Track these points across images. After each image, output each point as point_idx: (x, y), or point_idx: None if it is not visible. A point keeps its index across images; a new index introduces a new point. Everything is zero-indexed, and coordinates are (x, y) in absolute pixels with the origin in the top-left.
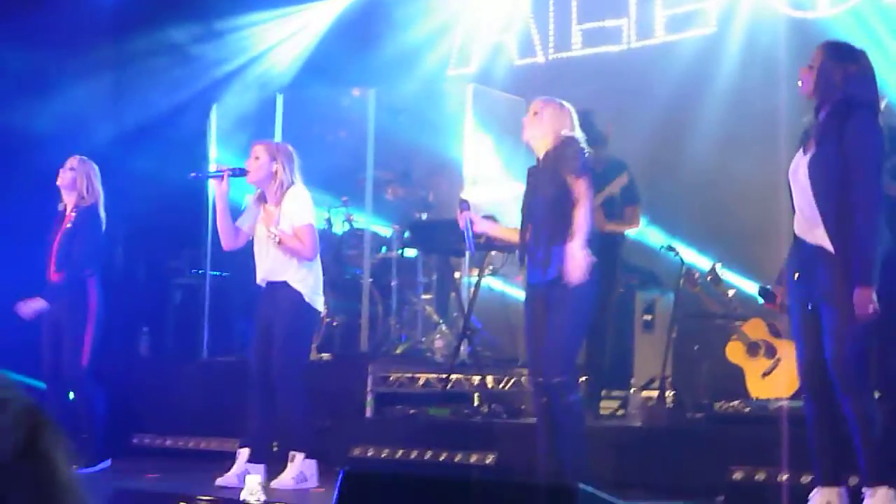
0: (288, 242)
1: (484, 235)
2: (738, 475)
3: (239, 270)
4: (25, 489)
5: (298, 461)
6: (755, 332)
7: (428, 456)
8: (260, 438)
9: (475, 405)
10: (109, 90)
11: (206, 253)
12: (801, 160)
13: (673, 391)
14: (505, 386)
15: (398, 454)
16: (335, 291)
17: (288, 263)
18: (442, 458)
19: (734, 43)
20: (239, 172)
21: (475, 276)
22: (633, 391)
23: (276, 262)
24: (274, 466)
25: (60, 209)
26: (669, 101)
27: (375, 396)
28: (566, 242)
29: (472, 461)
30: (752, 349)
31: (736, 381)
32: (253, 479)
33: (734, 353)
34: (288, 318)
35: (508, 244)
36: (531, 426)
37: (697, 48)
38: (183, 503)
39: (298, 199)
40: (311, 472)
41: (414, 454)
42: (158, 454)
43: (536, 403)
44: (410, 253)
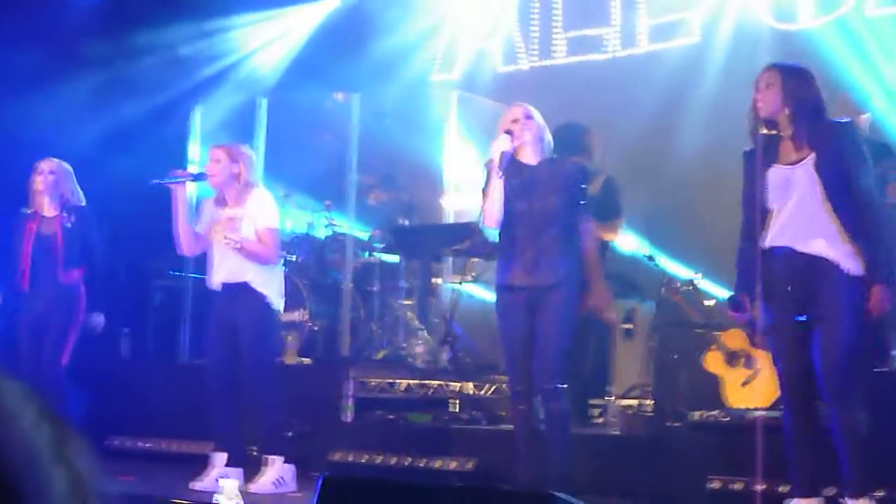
0: (249, 247)
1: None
2: (715, 484)
3: None
4: (56, 495)
5: (277, 465)
6: (735, 341)
7: (407, 462)
8: (236, 442)
9: (455, 411)
10: (91, 91)
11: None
12: (790, 171)
13: (652, 399)
14: (485, 392)
15: (378, 460)
16: (316, 295)
17: (248, 266)
18: (421, 464)
19: (718, 53)
20: (199, 177)
21: (457, 282)
22: (612, 399)
23: (236, 263)
24: (250, 470)
25: (29, 213)
26: (652, 110)
27: (355, 401)
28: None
29: (451, 468)
30: (731, 359)
31: (715, 390)
32: (230, 483)
33: (713, 362)
34: (255, 322)
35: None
36: (510, 433)
37: (681, 58)
38: None
39: (263, 201)
40: (289, 476)
41: (393, 460)
42: (135, 456)
43: (514, 410)
44: (392, 258)
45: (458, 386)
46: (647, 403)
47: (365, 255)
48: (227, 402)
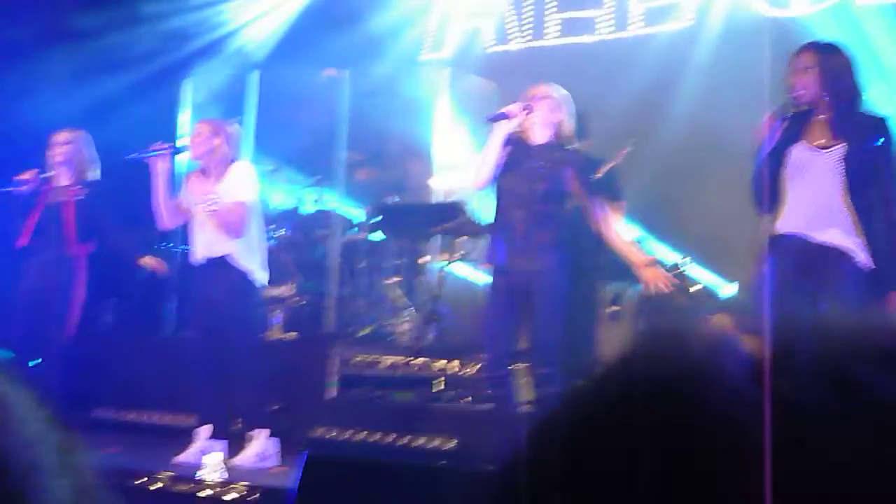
0: (221, 216)
1: None
2: None
3: None
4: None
5: (261, 439)
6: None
7: (390, 439)
8: (220, 415)
9: (439, 390)
10: (80, 62)
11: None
12: (813, 156)
13: None
14: (470, 372)
15: (360, 436)
16: (303, 271)
17: (229, 239)
18: (403, 441)
19: (710, 38)
20: (180, 150)
21: (444, 260)
22: None
23: (216, 237)
24: (235, 443)
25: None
26: (643, 93)
27: (340, 378)
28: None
29: (433, 446)
30: None
31: None
32: (214, 456)
33: None
34: (236, 296)
35: (478, 230)
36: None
37: (673, 42)
38: (144, 479)
39: (240, 174)
40: (272, 450)
41: (376, 437)
42: (119, 428)
43: (494, 394)
44: (380, 236)
45: (442, 364)
46: None
47: (353, 231)
48: (210, 375)
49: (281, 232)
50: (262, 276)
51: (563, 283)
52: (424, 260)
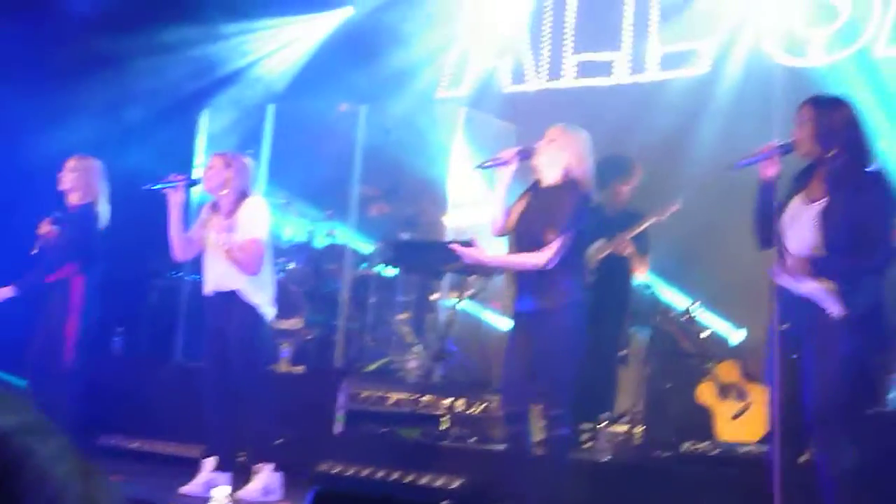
0: (234, 253)
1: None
2: None
3: None
4: None
5: (266, 472)
6: (728, 374)
7: (395, 476)
8: (226, 447)
9: (445, 428)
10: (99, 90)
11: None
12: (802, 208)
13: (643, 427)
14: (476, 410)
15: (365, 472)
16: (312, 304)
17: (237, 273)
18: (409, 479)
19: (727, 85)
20: (194, 182)
21: (454, 298)
22: (603, 424)
23: (227, 271)
24: (239, 476)
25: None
26: (658, 138)
27: (346, 413)
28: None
29: (438, 484)
30: (723, 391)
31: (706, 421)
32: (221, 490)
33: (705, 394)
34: (245, 330)
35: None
36: (499, 452)
37: (690, 88)
38: None
39: (254, 210)
40: (276, 484)
41: (381, 473)
42: (125, 456)
43: (509, 431)
44: (391, 271)
45: (448, 402)
46: (637, 431)
47: (363, 266)
48: (218, 408)
49: (291, 265)
50: (270, 310)
51: (571, 323)
52: (435, 297)
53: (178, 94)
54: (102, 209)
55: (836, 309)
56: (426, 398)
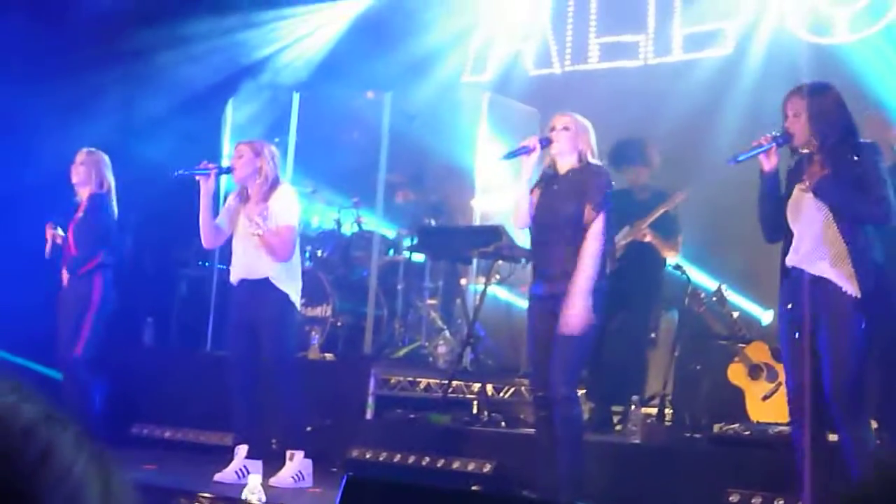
0: (269, 238)
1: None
2: (734, 498)
3: None
4: None
5: (297, 459)
6: (757, 354)
7: (426, 461)
8: (259, 434)
9: (475, 413)
10: (125, 81)
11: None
12: (802, 196)
13: (672, 409)
14: (505, 395)
15: (396, 458)
16: (341, 292)
17: (271, 262)
18: (439, 464)
19: (751, 65)
20: (225, 170)
21: (481, 283)
22: (633, 407)
23: (257, 258)
24: (271, 463)
25: (77, 202)
26: (684, 119)
27: (376, 399)
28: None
29: (469, 469)
30: (753, 372)
31: (736, 402)
32: (255, 478)
33: (736, 374)
34: (276, 318)
35: (516, 255)
36: (529, 436)
37: (714, 68)
38: (183, 499)
39: (286, 198)
40: (307, 471)
41: (412, 459)
42: (157, 445)
43: (537, 416)
44: (418, 257)
45: (477, 387)
46: (667, 413)
47: (391, 253)
48: (247, 396)
49: (319, 253)
50: (297, 298)
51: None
52: (462, 282)
53: (202, 84)
54: (113, 202)
55: (850, 288)
56: (455, 383)
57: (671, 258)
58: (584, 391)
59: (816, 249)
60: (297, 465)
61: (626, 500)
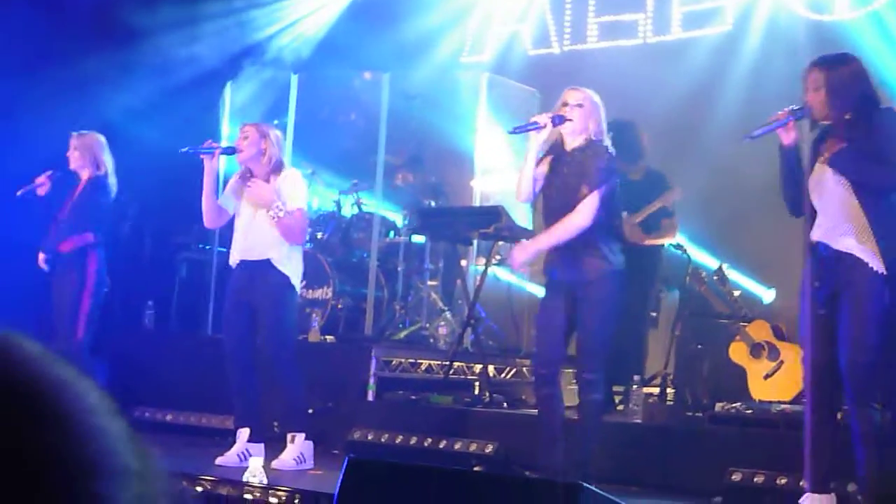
0: (286, 220)
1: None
2: (736, 477)
3: None
4: None
5: (299, 442)
6: (759, 333)
7: (428, 442)
8: (260, 418)
9: (476, 394)
10: (123, 63)
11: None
12: (823, 170)
13: (674, 389)
14: (506, 375)
15: (398, 439)
16: (341, 274)
17: (273, 243)
18: (442, 445)
19: (751, 42)
20: (230, 150)
21: (482, 264)
22: (634, 387)
23: (259, 240)
24: (272, 446)
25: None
26: (683, 98)
27: (378, 381)
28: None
29: (471, 450)
30: (755, 350)
31: (738, 381)
32: (256, 461)
33: (737, 353)
34: (277, 300)
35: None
36: (532, 416)
37: (714, 46)
38: (185, 482)
39: (294, 181)
40: (308, 453)
41: (414, 440)
42: (159, 428)
43: (539, 394)
44: (418, 239)
45: (479, 368)
46: (669, 393)
47: (391, 234)
48: (247, 379)
49: (319, 235)
50: (298, 281)
51: (607, 290)
52: (462, 263)
53: (200, 66)
54: (111, 182)
55: (876, 263)
56: (457, 364)
57: (670, 236)
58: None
59: (839, 225)
60: (298, 447)
61: (627, 479)
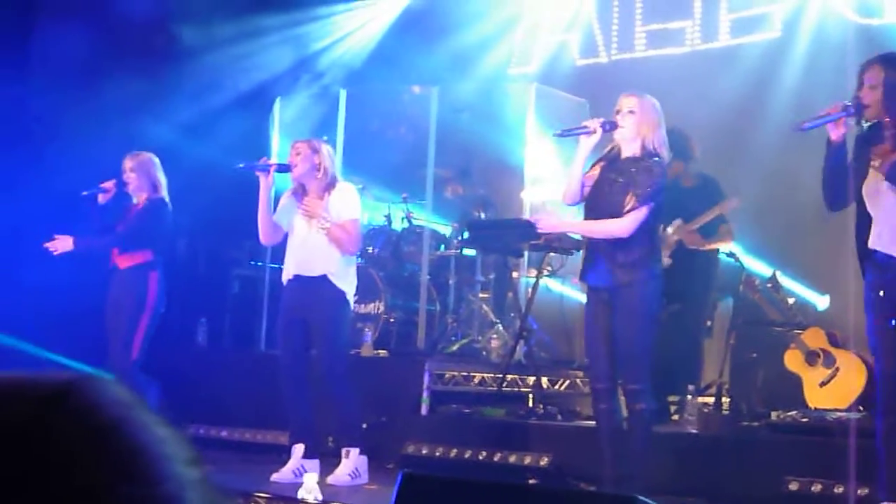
0: (336, 232)
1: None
2: (793, 486)
3: None
4: None
5: (353, 457)
6: (814, 340)
7: (482, 456)
8: (314, 433)
9: (530, 406)
10: (174, 80)
11: (267, 245)
12: (878, 178)
13: (729, 398)
14: (560, 387)
15: (452, 453)
16: (393, 288)
17: (329, 258)
18: (496, 458)
19: (800, 48)
20: (284, 168)
21: (533, 276)
22: (689, 397)
23: (315, 255)
24: (327, 461)
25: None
26: (732, 105)
27: (431, 394)
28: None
29: (526, 463)
30: (810, 358)
31: (793, 389)
32: (311, 477)
33: (792, 361)
34: (333, 316)
35: (568, 246)
36: (586, 429)
37: (762, 52)
38: (240, 499)
39: (347, 193)
40: (363, 468)
41: (468, 453)
42: (213, 445)
43: (596, 409)
44: (469, 251)
45: (532, 380)
46: (724, 402)
47: (441, 248)
48: (302, 394)
49: (370, 249)
50: (352, 295)
51: (646, 296)
52: (514, 275)
53: (250, 83)
54: (168, 202)
55: None
56: (510, 377)
57: (725, 244)
58: None
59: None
60: (352, 462)
61: (683, 490)
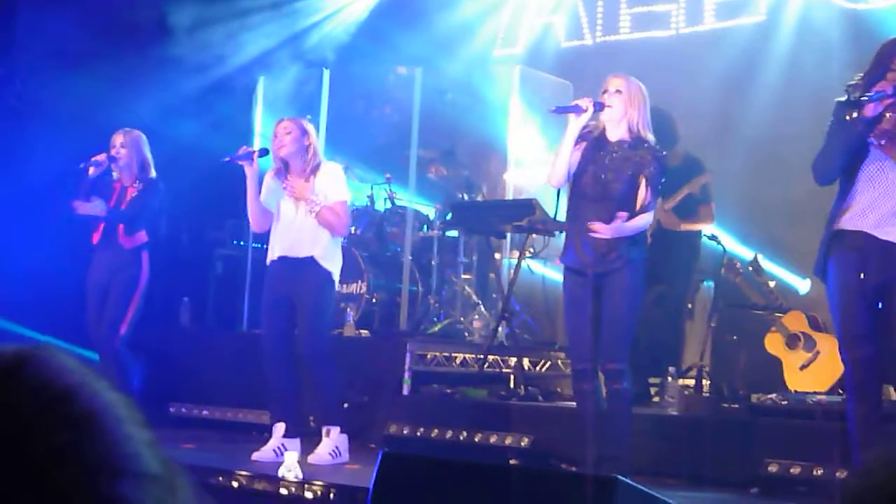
0: (326, 214)
1: None
2: (773, 468)
3: None
4: None
5: (334, 436)
6: (795, 324)
7: (463, 436)
8: (296, 413)
9: (511, 387)
10: (156, 60)
11: (248, 225)
12: (882, 159)
13: (710, 380)
14: (541, 368)
15: (434, 433)
16: (375, 268)
17: (316, 239)
18: (477, 438)
19: (784, 32)
20: (264, 152)
21: (515, 257)
22: (670, 378)
23: (303, 238)
24: (306, 441)
25: (115, 179)
26: (717, 88)
27: (413, 375)
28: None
29: (507, 443)
30: (791, 341)
31: (774, 372)
32: (292, 455)
33: (773, 344)
34: (318, 295)
35: (551, 228)
36: (567, 410)
37: (747, 36)
38: (220, 477)
39: (334, 174)
40: (343, 446)
41: (449, 434)
42: (195, 424)
43: (578, 389)
44: (452, 233)
45: (514, 361)
46: (705, 384)
47: (424, 228)
48: (284, 373)
49: (353, 229)
50: (338, 276)
51: (632, 281)
52: (496, 257)
53: (232, 63)
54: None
55: None
56: (491, 358)
57: (706, 229)
58: None
59: (891, 217)
60: (333, 440)
61: (663, 471)
